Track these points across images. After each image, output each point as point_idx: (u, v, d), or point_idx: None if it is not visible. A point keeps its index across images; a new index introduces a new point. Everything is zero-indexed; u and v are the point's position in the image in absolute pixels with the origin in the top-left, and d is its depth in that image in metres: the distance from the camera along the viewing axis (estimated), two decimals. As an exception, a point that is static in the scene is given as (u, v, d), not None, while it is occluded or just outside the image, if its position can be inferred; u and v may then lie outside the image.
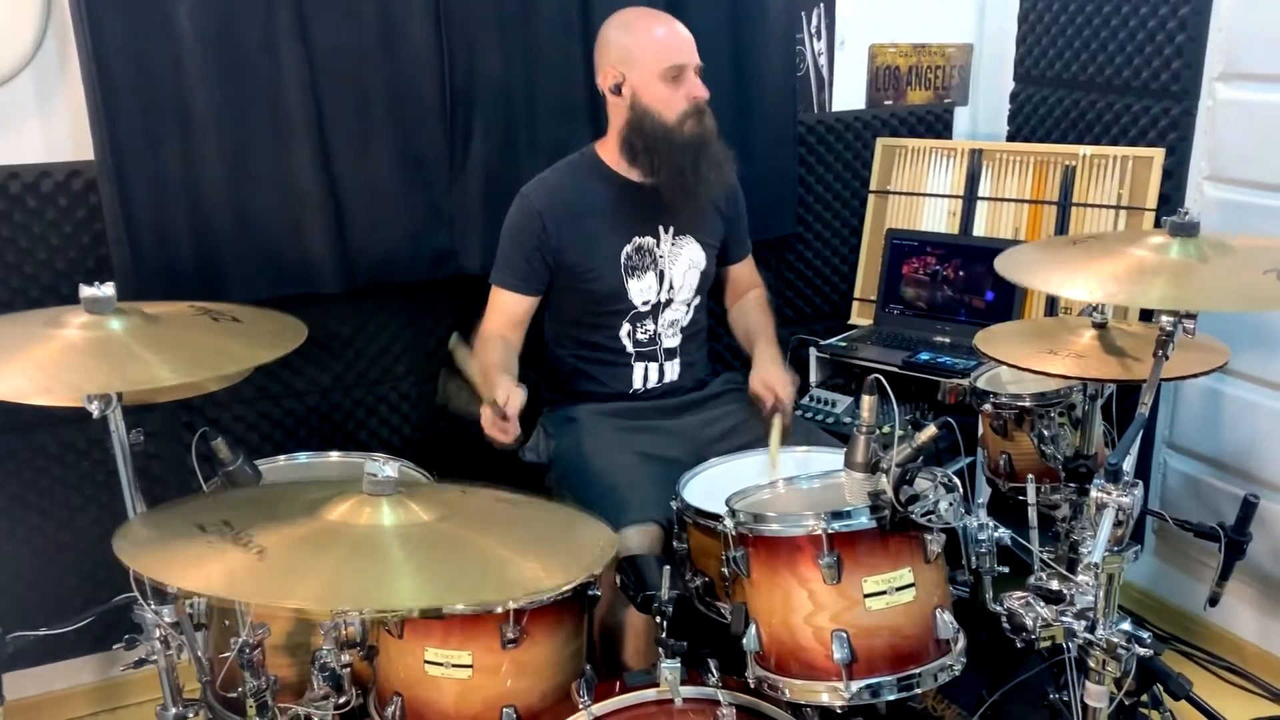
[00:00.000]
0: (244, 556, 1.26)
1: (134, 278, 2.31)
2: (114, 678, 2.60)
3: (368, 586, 1.26)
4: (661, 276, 2.36)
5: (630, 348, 2.38)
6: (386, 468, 1.40)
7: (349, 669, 1.61)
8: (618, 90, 2.26)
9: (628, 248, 2.32)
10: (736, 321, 2.61)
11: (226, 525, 1.32)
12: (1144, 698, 1.92)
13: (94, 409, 1.53)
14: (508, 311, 2.32)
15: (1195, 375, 2.04)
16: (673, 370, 2.43)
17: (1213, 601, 2.12)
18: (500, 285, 2.33)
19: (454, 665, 1.67)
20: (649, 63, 2.21)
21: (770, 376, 2.31)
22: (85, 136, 2.27)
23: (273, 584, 1.23)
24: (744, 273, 2.62)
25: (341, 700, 1.60)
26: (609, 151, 2.33)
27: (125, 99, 2.25)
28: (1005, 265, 1.84)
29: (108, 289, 1.55)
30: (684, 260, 2.39)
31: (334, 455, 2.27)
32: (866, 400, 1.64)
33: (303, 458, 2.25)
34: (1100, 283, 1.67)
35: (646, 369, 2.40)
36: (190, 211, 2.35)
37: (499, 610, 1.65)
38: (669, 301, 2.38)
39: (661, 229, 2.36)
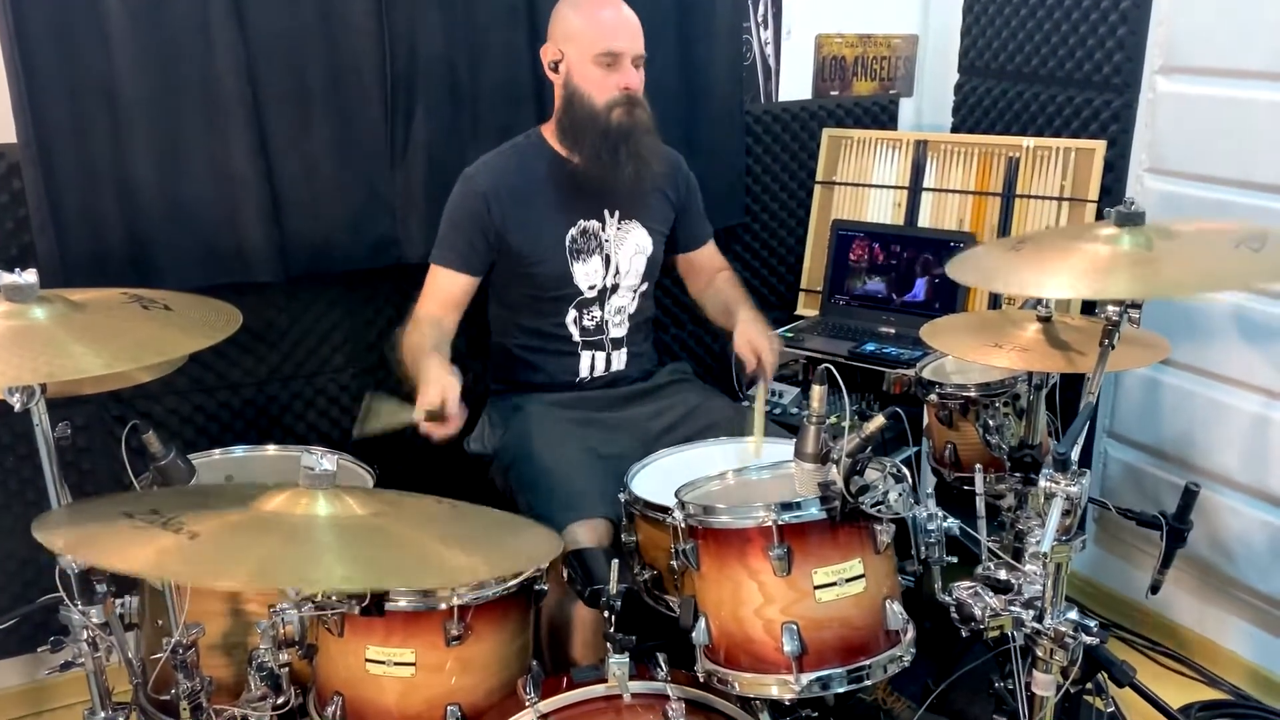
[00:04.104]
0: (174, 539, 1.21)
1: (60, 266, 2.22)
2: (41, 680, 2.51)
3: (300, 567, 1.23)
4: (607, 261, 2.34)
5: (577, 335, 2.35)
6: (324, 461, 1.35)
7: (287, 668, 1.57)
8: (555, 67, 2.24)
9: (572, 231, 2.29)
10: (711, 301, 2.54)
11: (154, 513, 1.27)
12: (1087, 685, 1.94)
13: (15, 401, 1.46)
14: (446, 291, 2.27)
15: (1137, 368, 2.06)
16: (619, 360, 2.40)
17: (1154, 589, 2.15)
18: (440, 264, 2.28)
19: (396, 664, 1.63)
20: (585, 44, 2.18)
21: (753, 333, 2.28)
22: (8, 118, 2.18)
23: (203, 564, 1.20)
24: (707, 257, 2.57)
25: (280, 701, 1.57)
26: (553, 132, 2.30)
27: (51, 80, 2.17)
28: (958, 271, 1.83)
29: (29, 276, 1.47)
30: (630, 245, 2.36)
31: (271, 449, 2.21)
32: (816, 390, 1.63)
33: (239, 451, 2.19)
34: (1071, 279, 1.66)
35: (593, 358, 2.37)
36: (120, 198, 2.27)
37: (442, 607, 1.61)
38: (615, 287, 2.36)
39: (606, 213, 2.33)
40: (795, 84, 3.08)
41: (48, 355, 1.39)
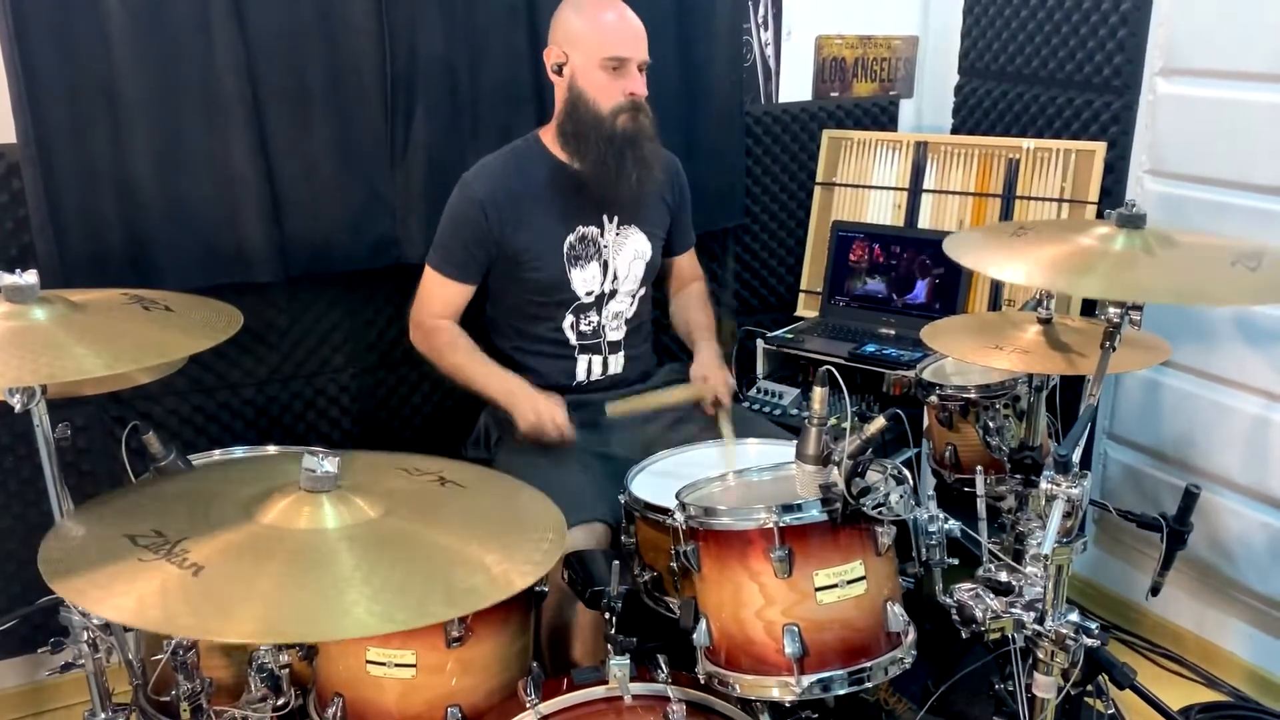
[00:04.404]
0: (179, 575, 1.19)
1: (60, 267, 2.22)
2: (41, 681, 2.51)
3: (313, 610, 1.19)
4: (605, 267, 2.33)
5: (574, 340, 2.34)
6: (325, 462, 1.34)
7: (287, 669, 1.57)
8: (559, 70, 2.23)
9: (570, 237, 2.28)
10: (677, 314, 2.60)
11: (158, 535, 1.26)
12: (1088, 687, 1.94)
13: (16, 402, 1.46)
14: (445, 298, 2.29)
15: (1140, 369, 2.06)
16: (617, 363, 2.40)
17: (1154, 591, 2.15)
18: (438, 270, 2.29)
19: (397, 665, 1.62)
20: (591, 48, 2.18)
21: (710, 375, 2.33)
22: (7, 118, 2.18)
23: (210, 610, 1.16)
24: (686, 264, 2.59)
25: (280, 702, 1.56)
26: (552, 137, 2.30)
27: (50, 80, 2.17)
28: (953, 246, 1.84)
29: (30, 276, 1.47)
30: (629, 250, 2.36)
31: (271, 449, 2.20)
32: (818, 392, 1.62)
33: (239, 452, 2.18)
34: (1041, 268, 1.68)
35: (590, 361, 2.37)
36: (119, 198, 2.27)
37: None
38: (613, 293, 2.35)
39: (606, 218, 2.32)
40: (795, 85, 3.08)
41: (48, 356, 1.39)
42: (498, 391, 2.22)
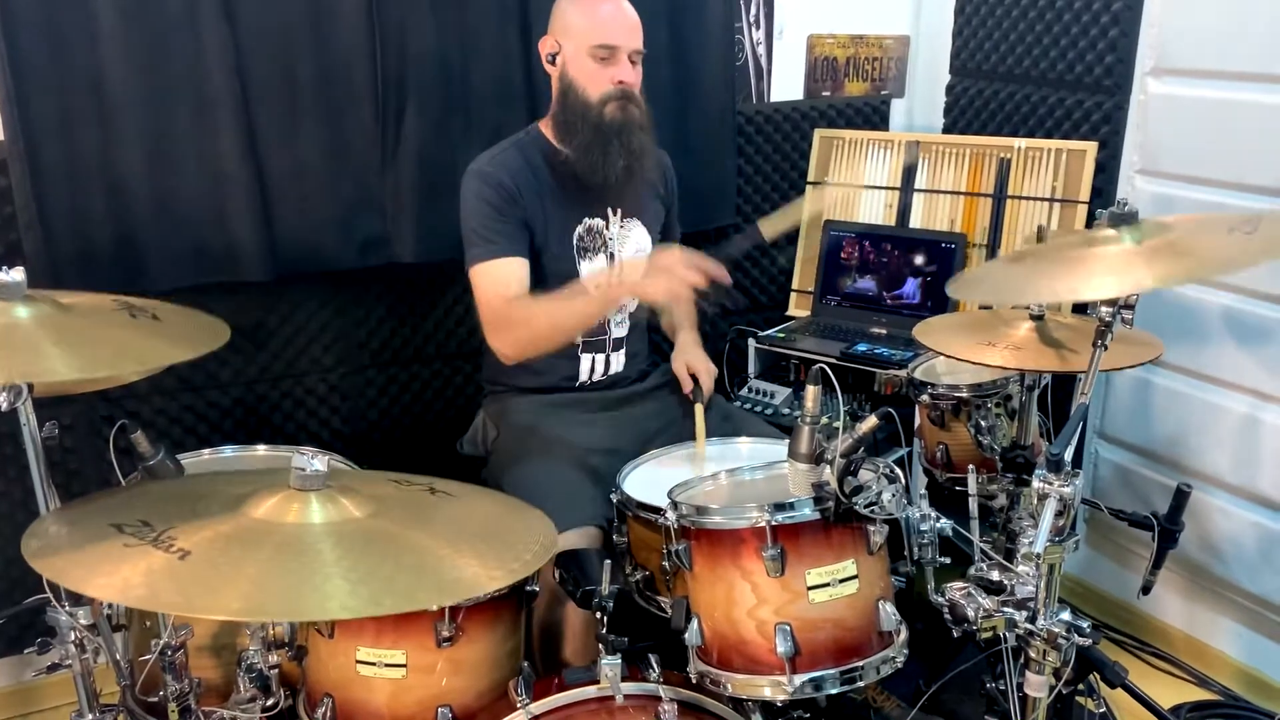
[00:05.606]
0: (165, 559, 1.19)
1: (48, 265, 2.21)
2: (27, 682, 2.49)
3: (298, 592, 1.19)
4: (612, 259, 2.32)
5: (579, 336, 2.32)
6: (315, 461, 1.34)
7: (277, 670, 1.55)
8: (553, 60, 2.23)
9: (579, 228, 2.28)
10: None
11: (145, 525, 1.25)
12: (1079, 685, 1.93)
13: (2, 400, 1.44)
14: (518, 278, 2.15)
15: (1131, 366, 2.06)
16: (618, 362, 2.39)
17: (1145, 590, 2.14)
18: (500, 256, 2.14)
19: (387, 665, 1.62)
20: (582, 36, 2.17)
21: (692, 359, 2.39)
22: (-6, 115, 2.17)
23: (196, 590, 1.16)
24: None
25: (269, 702, 1.54)
26: (550, 128, 2.29)
27: (38, 77, 2.15)
28: (960, 289, 1.84)
29: (16, 274, 1.46)
30: (632, 244, 2.36)
31: (260, 449, 2.19)
32: (811, 391, 1.62)
33: (228, 451, 2.17)
34: (1086, 282, 1.66)
35: (593, 360, 2.36)
36: (107, 196, 2.26)
37: (433, 608, 1.60)
38: None
39: (610, 211, 2.32)
40: (787, 84, 3.08)
41: (26, 356, 1.37)
42: (599, 300, 2.05)
